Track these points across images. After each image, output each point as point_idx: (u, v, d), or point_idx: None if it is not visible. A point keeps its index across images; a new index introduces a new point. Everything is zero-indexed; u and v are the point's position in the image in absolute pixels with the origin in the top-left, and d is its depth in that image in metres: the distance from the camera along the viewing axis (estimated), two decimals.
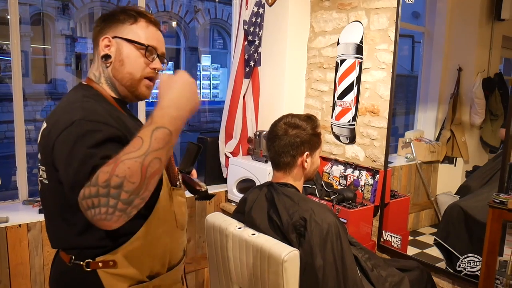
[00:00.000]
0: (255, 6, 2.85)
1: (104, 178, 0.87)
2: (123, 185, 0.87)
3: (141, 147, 0.90)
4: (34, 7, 9.01)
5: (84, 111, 1.05)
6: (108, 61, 1.19)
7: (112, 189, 0.87)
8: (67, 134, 1.01)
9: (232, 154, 3.02)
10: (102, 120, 1.04)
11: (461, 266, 2.22)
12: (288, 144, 1.63)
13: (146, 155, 0.89)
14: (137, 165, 0.88)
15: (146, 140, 0.90)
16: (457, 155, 2.96)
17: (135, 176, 0.87)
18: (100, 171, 0.88)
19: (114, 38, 1.19)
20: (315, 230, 1.49)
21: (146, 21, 1.22)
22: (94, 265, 1.11)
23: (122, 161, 0.88)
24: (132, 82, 1.21)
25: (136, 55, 1.20)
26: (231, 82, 2.96)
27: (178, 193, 1.26)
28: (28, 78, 8.83)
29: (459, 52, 2.97)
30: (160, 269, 1.22)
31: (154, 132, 0.92)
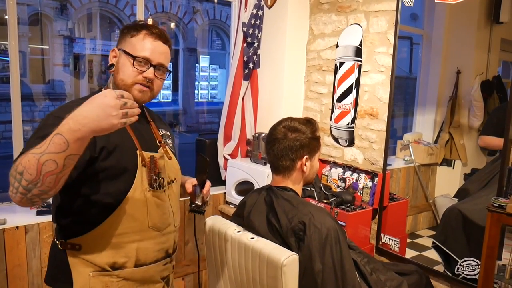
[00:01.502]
0: (254, 8, 2.84)
1: (16, 163, 1.04)
2: (23, 173, 1.01)
3: (42, 147, 1.01)
4: (32, 7, 8.99)
5: (60, 108, 1.24)
6: (111, 69, 1.38)
7: (17, 174, 1.02)
8: (39, 124, 1.21)
9: (231, 156, 3.01)
10: (62, 115, 1.06)
11: (459, 270, 2.22)
12: (288, 148, 1.62)
13: (42, 154, 1.00)
14: (34, 161, 1.00)
15: (46, 142, 1.01)
16: (455, 158, 2.96)
17: (32, 168, 1.00)
18: (19, 156, 1.05)
19: (119, 49, 1.37)
20: (314, 234, 1.49)
21: (145, 34, 1.35)
22: (64, 245, 1.29)
23: (27, 154, 1.02)
24: (125, 87, 1.33)
25: (128, 64, 1.34)
26: (230, 84, 2.96)
27: (154, 194, 1.35)
28: (26, 79, 8.81)
29: (458, 55, 2.98)
30: (126, 263, 1.32)
31: (53, 137, 1.01)
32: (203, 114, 12.23)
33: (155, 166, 1.35)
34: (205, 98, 12.00)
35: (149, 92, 1.38)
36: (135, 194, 1.30)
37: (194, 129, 11.35)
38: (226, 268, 1.72)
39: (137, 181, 1.30)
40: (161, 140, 1.48)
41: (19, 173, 1.02)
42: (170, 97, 11.40)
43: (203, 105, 12.11)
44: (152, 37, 1.36)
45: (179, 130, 11.23)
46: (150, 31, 1.36)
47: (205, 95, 11.98)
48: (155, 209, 1.36)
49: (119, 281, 1.31)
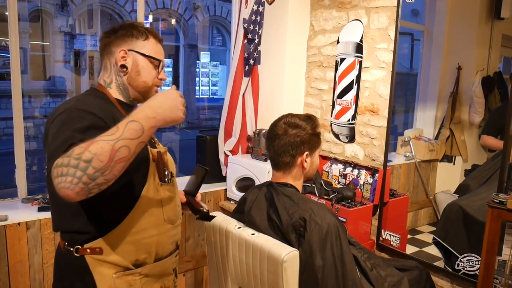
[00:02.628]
0: (254, 4, 2.84)
1: (78, 152, 0.98)
2: (92, 161, 0.98)
3: (115, 133, 1.02)
4: (32, 3, 8.99)
5: (76, 102, 1.23)
6: (125, 70, 1.37)
7: (82, 162, 0.97)
8: (58, 120, 1.17)
9: (232, 153, 3.01)
10: (89, 109, 1.18)
11: (459, 266, 2.22)
12: (288, 144, 1.62)
13: (118, 140, 1.01)
14: (108, 147, 1.00)
15: (120, 129, 1.03)
16: (456, 154, 2.96)
17: (104, 155, 0.99)
18: (76, 146, 1.00)
19: (130, 51, 1.36)
20: (315, 230, 1.49)
21: (155, 39, 1.41)
22: (83, 251, 1.25)
23: (97, 141, 1.00)
24: (146, 88, 1.40)
25: (150, 67, 1.39)
26: (231, 81, 2.96)
27: (166, 188, 1.37)
28: (27, 75, 8.81)
29: (459, 51, 2.97)
30: (146, 259, 1.32)
31: (128, 123, 1.05)
32: (204, 111, 12.23)
33: (162, 161, 1.37)
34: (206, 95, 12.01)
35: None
36: (150, 189, 1.31)
37: (195, 126, 11.35)
38: (227, 264, 1.72)
39: (150, 175, 1.31)
40: (154, 137, 1.49)
41: (86, 161, 0.97)
42: None
43: (204, 101, 12.11)
44: (159, 42, 1.44)
45: (180, 127, 11.24)
46: (155, 36, 1.43)
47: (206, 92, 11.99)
48: (168, 203, 1.38)
49: (141, 278, 1.31)
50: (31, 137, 6.39)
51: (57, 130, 1.14)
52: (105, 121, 1.17)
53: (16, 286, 2.25)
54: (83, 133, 1.10)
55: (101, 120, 1.17)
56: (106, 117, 1.20)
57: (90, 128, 1.12)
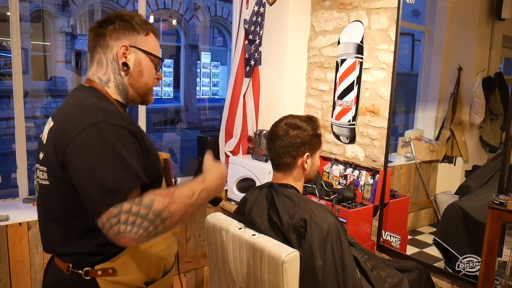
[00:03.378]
0: (255, 5, 2.84)
1: (159, 208, 0.97)
2: (166, 220, 0.99)
3: (192, 198, 1.05)
4: (33, 4, 8.99)
5: (103, 113, 1.07)
6: (126, 69, 1.22)
7: (158, 220, 0.97)
8: (89, 136, 1.02)
9: (232, 153, 3.02)
10: (123, 123, 1.07)
11: (460, 266, 2.22)
12: (289, 145, 1.63)
13: (192, 205, 1.05)
14: (183, 210, 1.03)
15: (196, 194, 1.06)
16: (456, 155, 2.97)
17: (177, 216, 1.01)
18: (157, 199, 0.98)
19: (132, 47, 1.22)
20: (315, 231, 1.50)
21: (154, 33, 1.27)
22: (93, 273, 1.11)
23: (177, 202, 1.01)
24: (146, 90, 1.28)
25: (151, 67, 1.26)
26: (232, 81, 2.96)
27: None
28: (28, 75, 8.82)
29: (459, 51, 2.97)
30: (156, 275, 1.24)
31: (202, 191, 1.09)
32: (204, 111, 12.24)
33: (169, 169, 1.32)
34: (207, 95, 12.01)
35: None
36: None
37: (195, 126, 11.35)
38: (228, 264, 1.73)
39: (163, 187, 1.24)
40: None
41: (162, 219, 0.98)
42: (171, 94, 11.41)
43: (205, 101, 12.11)
44: (157, 36, 1.30)
45: (181, 127, 11.24)
46: (152, 29, 1.28)
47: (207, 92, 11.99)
48: None
49: None
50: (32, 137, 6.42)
51: (99, 152, 1.01)
52: (135, 131, 1.10)
53: (17, 285, 2.26)
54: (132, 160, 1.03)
55: (133, 133, 1.09)
56: (135, 129, 1.11)
57: (131, 150, 1.06)
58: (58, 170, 1.07)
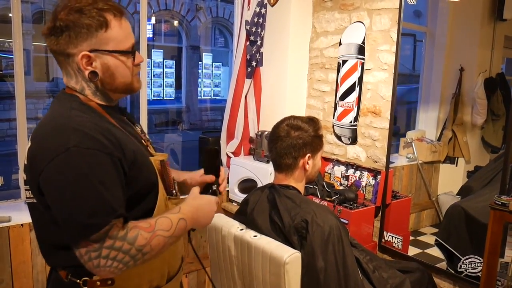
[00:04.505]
0: (257, 6, 2.84)
1: (141, 243, 0.99)
2: (147, 254, 1.00)
3: (170, 230, 1.04)
4: (35, 5, 9.02)
5: (77, 134, 0.99)
6: (96, 78, 1.10)
7: (140, 254, 0.99)
8: (61, 165, 0.97)
9: (234, 154, 3.02)
10: (97, 145, 0.99)
11: (462, 267, 2.22)
12: (290, 146, 1.63)
13: (171, 237, 1.05)
14: (163, 243, 1.03)
15: (173, 225, 1.05)
16: (458, 155, 2.96)
17: (158, 249, 1.02)
18: (141, 234, 0.99)
19: (94, 52, 1.08)
20: (317, 232, 1.50)
21: (115, 18, 1.09)
22: (92, 283, 1.09)
23: (157, 236, 1.02)
24: (127, 86, 1.16)
25: (122, 64, 1.12)
26: (233, 82, 2.96)
27: (174, 202, 1.23)
28: (30, 77, 8.84)
29: (461, 52, 2.97)
30: (160, 281, 1.20)
31: (179, 221, 1.07)
32: (206, 112, 12.24)
33: (167, 172, 1.22)
34: (208, 96, 12.02)
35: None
36: (160, 207, 1.15)
37: (197, 127, 11.36)
38: (229, 265, 1.73)
39: (160, 193, 1.16)
40: (144, 138, 1.29)
41: (144, 253, 0.99)
42: (173, 95, 11.43)
43: (206, 102, 12.13)
44: (120, 17, 1.12)
45: (182, 128, 11.25)
46: (112, 12, 1.10)
47: (208, 93, 12.00)
48: None
49: None
50: None
51: (72, 182, 0.96)
52: (113, 151, 1.02)
53: (19, 287, 2.26)
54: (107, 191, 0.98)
55: (109, 154, 1.01)
56: (110, 142, 1.03)
57: (107, 177, 0.99)
58: (37, 194, 1.05)
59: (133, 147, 1.09)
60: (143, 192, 1.12)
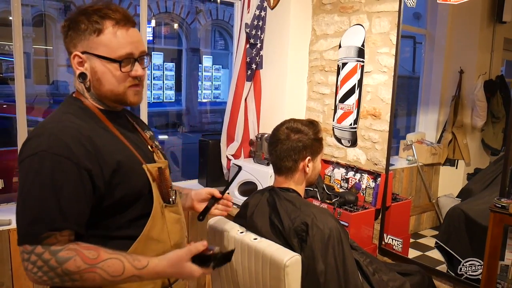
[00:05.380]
0: (257, 9, 2.85)
1: (70, 269, 0.97)
2: (77, 281, 0.98)
3: (115, 276, 1.00)
4: (36, 8, 9.02)
5: (50, 140, 1.01)
6: (86, 80, 1.12)
7: (67, 277, 0.97)
8: (28, 166, 1.01)
9: (234, 157, 3.02)
10: (68, 154, 1.01)
11: (462, 270, 2.22)
12: (290, 149, 1.63)
13: (111, 282, 1.01)
14: (100, 282, 0.99)
15: (122, 275, 1.01)
16: (458, 158, 2.97)
17: (91, 283, 0.99)
18: (75, 260, 0.97)
19: (84, 53, 1.10)
20: (317, 235, 1.49)
21: (113, 25, 1.09)
22: None
23: (95, 272, 0.98)
24: (117, 96, 1.14)
25: (112, 71, 1.11)
26: (233, 85, 2.97)
27: (171, 210, 1.22)
28: (30, 79, 8.84)
29: (461, 54, 2.98)
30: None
31: (132, 277, 1.02)
32: (206, 114, 12.24)
33: (165, 179, 1.20)
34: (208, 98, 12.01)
35: (141, 89, 1.18)
36: (156, 216, 1.15)
37: (197, 129, 11.36)
38: (229, 268, 1.73)
39: (156, 201, 1.15)
40: (152, 145, 1.29)
41: (72, 279, 0.98)
42: (173, 97, 11.42)
43: (206, 105, 12.12)
44: (122, 26, 1.10)
45: (182, 131, 11.24)
46: (115, 19, 1.10)
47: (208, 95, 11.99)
48: (175, 226, 1.22)
49: None
50: None
51: (29, 186, 1.00)
52: (84, 168, 1.02)
53: None
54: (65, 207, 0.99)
55: (76, 165, 1.01)
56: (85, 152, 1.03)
57: (64, 186, 1.00)
58: None
59: (119, 155, 1.09)
60: (128, 199, 1.11)
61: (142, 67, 1.16)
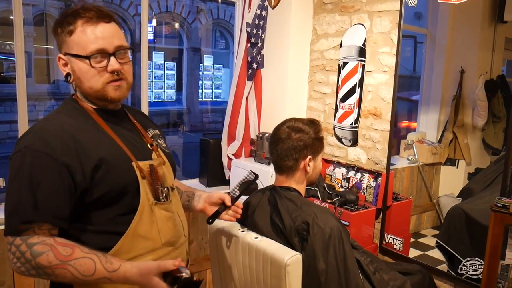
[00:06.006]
0: (258, 8, 2.85)
1: (42, 263, 1.00)
2: (50, 275, 1.01)
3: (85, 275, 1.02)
4: (37, 7, 9.03)
5: (34, 137, 1.08)
6: (70, 80, 1.18)
7: (41, 270, 1.01)
8: (14, 161, 1.07)
9: (235, 156, 3.02)
10: (48, 150, 1.05)
11: (463, 269, 2.22)
12: (291, 148, 1.63)
13: (81, 280, 1.02)
14: (70, 278, 1.02)
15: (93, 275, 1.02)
16: (459, 157, 2.97)
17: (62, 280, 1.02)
18: (48, 255, 1.00)
19: (66, 55, 1.16)
20: (318, 234, 1.50)
21: (83, 23, 1.12)
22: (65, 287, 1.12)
23: (66, 269, 1.01)
24: (97, 93, 1.17)
25: (87, 68, 1.14)
26: (234, 84, 2.97)
27: (162, 207, 1.22)
28: (31, 79, 8.85)
29: (462, 54, 2.98)
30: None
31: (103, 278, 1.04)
32: (207, 114, 12.25)
33: (156, 176, 1.21)
34: (209, 98, 12.01)
35: (124, 83, 1.19)
36: (144, 212, 1.16)
37: (198, 129, 11.37)
38: (230, 267, 1.73)
39: (143, 197, 1.16)
40: (152, 143, 1.30)
41: (46, 273, 1.01)
42: (174, 97, 11.43)
43: (207, 104, 12.13)
44: (91, 23, 1.13)
45: (183, 130, 11.25)
46: (86, 17, 1.13)
47: (209, 95, 12.00)
48: (166, 223, 1.22)
49: None
50: None
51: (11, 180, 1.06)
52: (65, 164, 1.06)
53: None
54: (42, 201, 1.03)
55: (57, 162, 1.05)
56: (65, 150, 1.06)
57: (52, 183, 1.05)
58: None
59: (103, 152, 1.12)
60: (112, 195, 1.12)
61: (123, 62, 1.18)
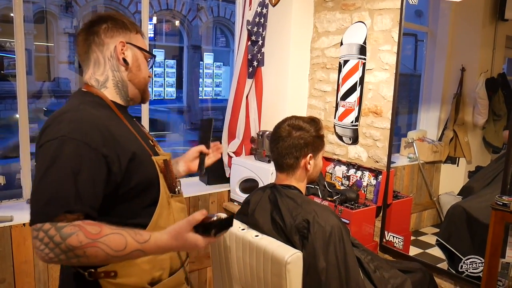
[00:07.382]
0: (258, 6, 2.85)
1: (73, 244, 0.97)
2: (81, 257, 0.99)
3: (117, 251, 1.01)
4: (37, 5, 9.02)
5: (70, 126, 1.08)
6: (126, 65, 1.27)
7: (71, 253, 0.98)
8: (49, 148, 1.06)
9: (235, 154, 3.02)
10: (86, 139, 1.07)
11: (463, 268, 2.22)
12: (292, 146, 1.63)
13: (114, 257, 1.01)
14: (105, 258, 1.00)
15: (125, 250, 1.02)
16: (459, 155, 2.96)
17: (99, 260, 1.01)
18: (77, 235, 0.98)
19: (128, 43, 1.27)
20: (318, 232, 1.50)
21: (141, 34, 1.34)
22: (96, 275, 1.14)
23: (98, 247, 0.99)
24: (145, 86, 1.33)
25: (145, 62, 1.32)
26: (234, 82, 2.96)
27: (177, 200, 1.30)
28: (31, 76, 8.84)
29: (463, 52, 2.97)
30: (162, 275, 1.24)
31: (135, 251, 1.03)
32: (207, 111, 12.24)
33: (170, 170, 1.29)
34: (209, 96, 12.01)
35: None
36: (163, 204, 1.23)
37: (198, 127, 11.35)
38: (231, 265, 1.73)
39: (162, 190, 1.23)
40: (152, 139, 1.39)
41: (76, 255, 0.98)
42: (174, 95, 11.42)
43: (207, 102, 12.12)
44: (143, 36, 1.37)
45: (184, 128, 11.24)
46: (141, 30, 1.36)
47: (209, 93, 11.99)
48: (180, 215, 1.30)
49: None
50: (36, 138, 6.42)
51: (47, 168, 1.03)
52: (101, 153, 1.08)
53: (21, 286, 2.27)
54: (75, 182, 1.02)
55: (95, 151, 1.07)
56: (103, 140, 1.09)
57: (83, 170, 1.05)
58: None
59: (133, 145, 1.18)
60: (141, 187, 1.18)
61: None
